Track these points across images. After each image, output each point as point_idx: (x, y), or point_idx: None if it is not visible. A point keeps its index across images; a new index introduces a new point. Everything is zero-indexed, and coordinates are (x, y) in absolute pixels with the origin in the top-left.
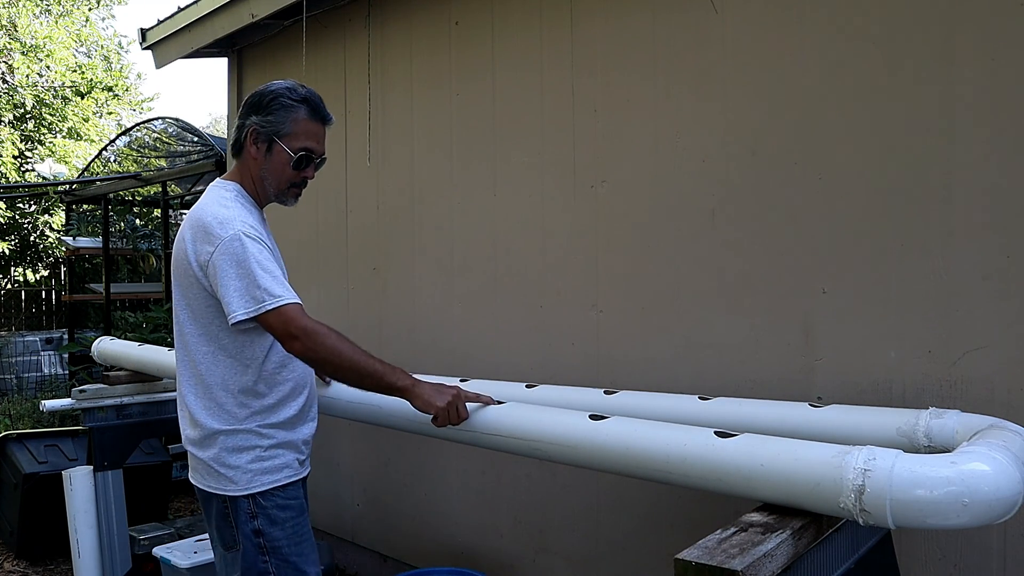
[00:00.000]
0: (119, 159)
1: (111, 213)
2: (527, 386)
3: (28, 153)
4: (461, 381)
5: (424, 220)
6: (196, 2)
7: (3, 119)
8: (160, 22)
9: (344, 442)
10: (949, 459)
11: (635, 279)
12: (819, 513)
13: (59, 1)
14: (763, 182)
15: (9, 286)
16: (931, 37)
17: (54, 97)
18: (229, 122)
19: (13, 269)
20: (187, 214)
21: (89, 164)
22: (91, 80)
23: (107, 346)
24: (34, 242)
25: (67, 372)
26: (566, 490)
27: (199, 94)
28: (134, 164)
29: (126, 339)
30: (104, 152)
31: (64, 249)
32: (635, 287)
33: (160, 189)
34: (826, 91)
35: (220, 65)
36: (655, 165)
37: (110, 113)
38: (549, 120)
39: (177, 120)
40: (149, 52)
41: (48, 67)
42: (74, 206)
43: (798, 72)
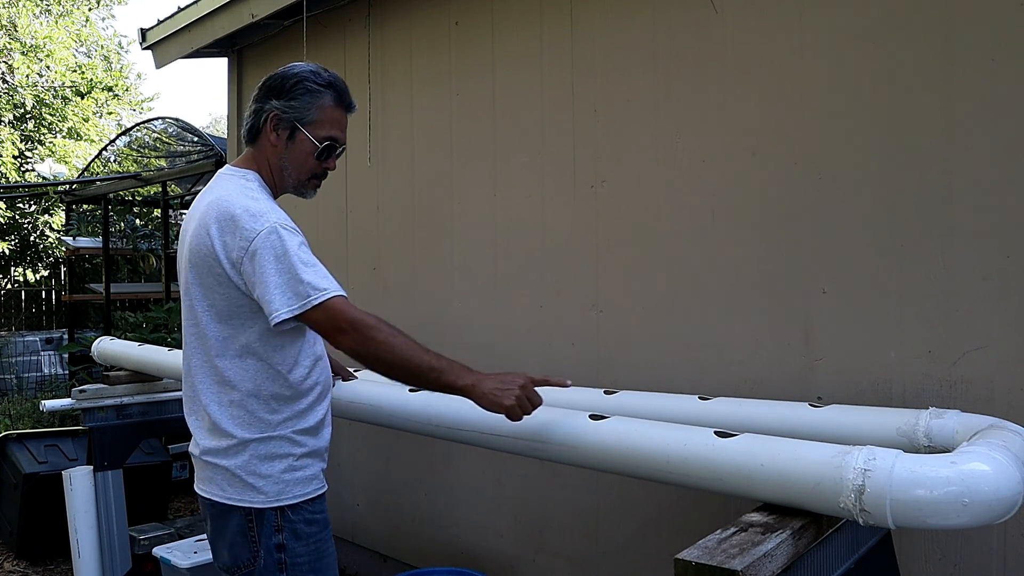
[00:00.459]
0: (119, 159)
1: (111, 213)
2: None
3: (28, 153)
4: None
5: (424, 220)
6: (196, 2)
7: (3, 119)
8: (160, 22)
9: (344, 442)
10: (949, 459)
11: (635, 279)
12: (819, 513)
13: (59, 1)
14: (763, 182)
15: (9, 286)
16: (931, 37)
17: (54, 97)
18: (229, 122)
19: (13, 269)
20: (202, 205)
21: (89, 164)
22: (91, 80)
23: (107, 346)
24: (34, 242)
25: (67, 372)
26: (566, 490)
27: (199, 94)
28: (134, 164)
29: (126, 339)
30: (104, 152)
31: (64, 249)
32: (635, 287)
33: (160, 189)
34: (826, 91)
35: (220, 65)
36: (655, 165)
37: (110, 113)
38: (549, 120)
39: (177, 120)
40: (149, 52)
41: (48, 67)
42: (74, 206)
43: (798, 72)
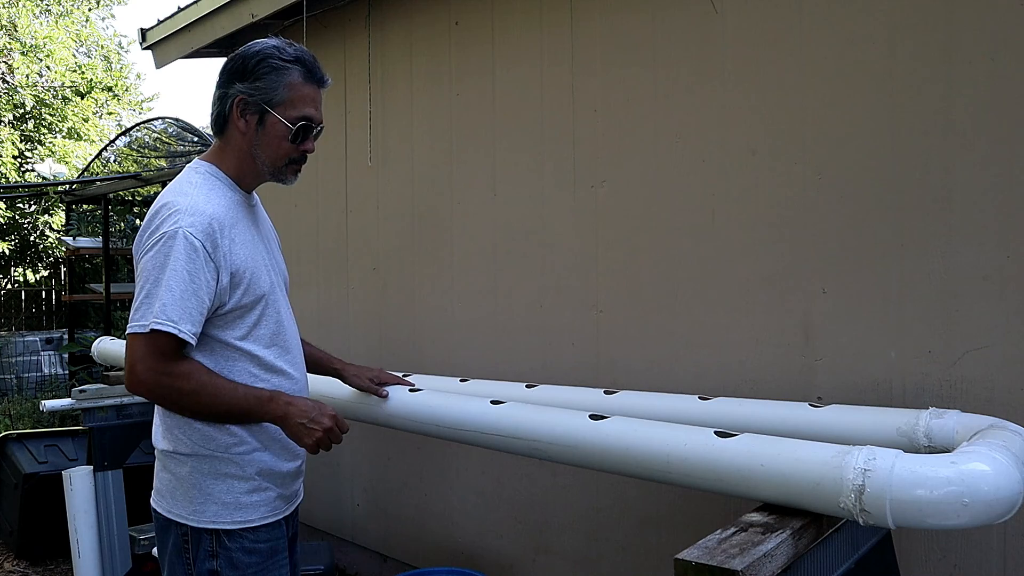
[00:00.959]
0: (119, 159)
1: (111, 213)
2: (527, 386)
3: (28, 153)
4: (461, 381)
5: (424, 220)
6: (196, 2)
7: (3, 119)
8: (160, 22)
9: (344, 442)
10: (949, 459)
11: (635, 279)
12: (819, 513)
13: (59, 1)
14: (763, 182)
15: (9, 286)
16: (931, 37)
17: (54, 97)
18: None
19: (13, 269)
20: None
21: (89, 164)
22: (91, 80)
23: (107, 346)
24: (34, 242)
25: (67, 372)
26: (566, 490)
27: (199, 94)
28: (134, 164)
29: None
30: (104, 152)
31: (64, 249)
32: (635, 287)
33: (160, 189)
34: (826, 91)
35: (220, 65)
36: (655, 165)
37: (110, 113)
38: (549, 120)
39: (177, 120)
40: (149, 52)
41: (48, 67)
42: (74, 206)
43: (798, 72)
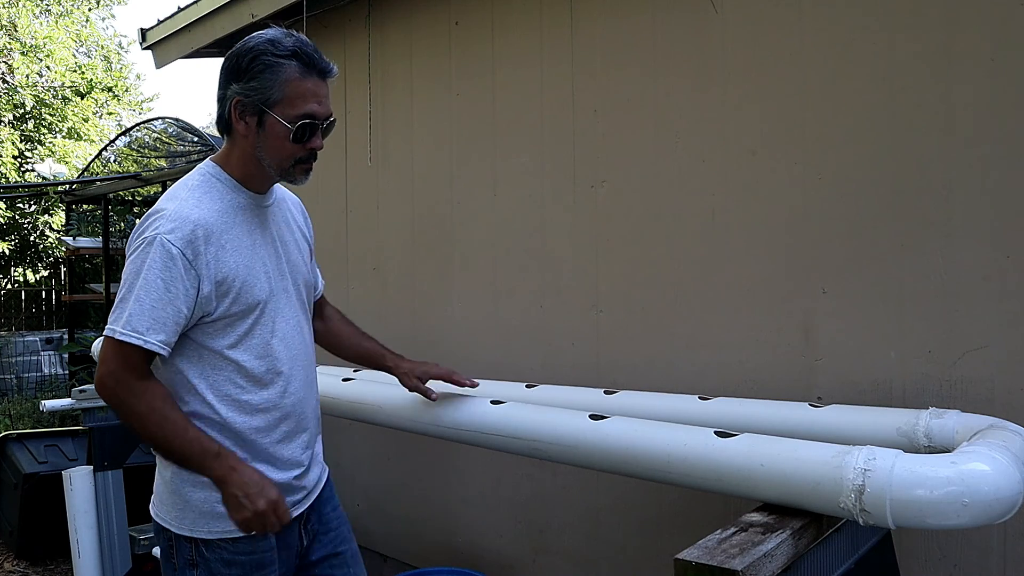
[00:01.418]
0: (119, 159)
1: (111, 213)
2: (527, 386)
3: (28, 153)
4: None
5: (424, 220)
6: (196, 2)
7: (3, 119)
8: (160, 22)
9: (345, 442)
10: (949, 459)
11: (635, 279)
12: (819, 513)
13: (59, 1)
14: (763, 182)
15: (9, 286)
16: (931, 37)
17: (54, 97)
18: None
19: (13, 269)
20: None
21: (89, 164)
22: (91, 80)
23: None
24: (34, 242)
25: (67, 372)
26: (566, 490)
27: (199, 94)
28: (134, 164)
29: None
30: (104, 152)
31: (64, 249)
32: (635, 287)
33: (160, 189)
34: (826, 91)
35: (220, 65)
36: (655, 165)
37: (110, 113)
38: (549, 120)
39: (177, 120)
40: (149, 52)
41: (48, 67)
42: (74, 206)
43: (798, 72)
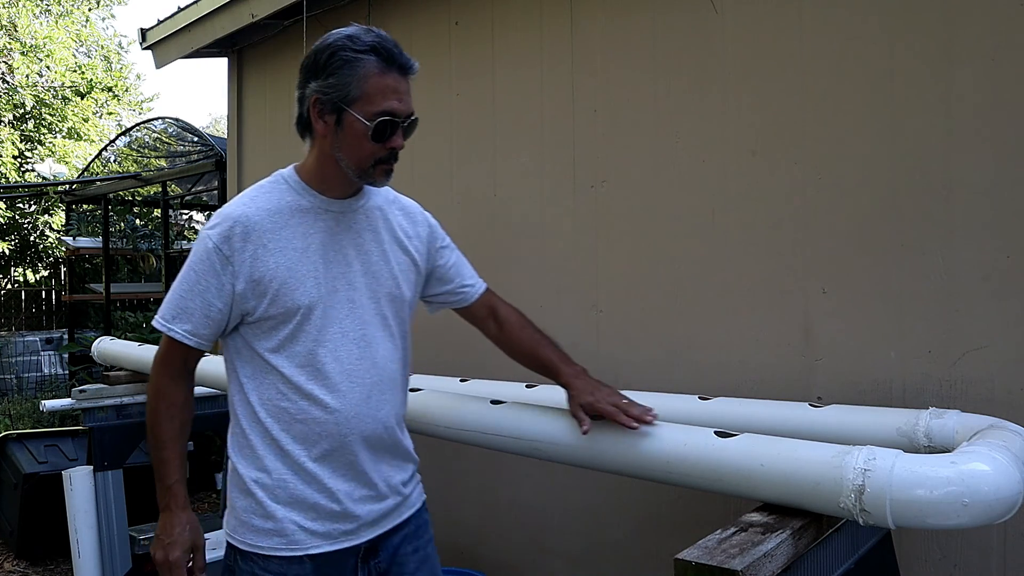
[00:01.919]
0: (119, 159)
1: (111, 213)
2: (527, 386)
3: (28, 153)
4: (461, 381)
5: None
6: (196, 2)
7: (3, 119)
8: (160, 22)
9: None
10: (949, 459)
11: (635, 279)
12: (819, 513)
13: (59, 1)
14: (763, 182)
15: (9, 286)
16: (931, 37)
17: (54, 97)
18: (229, 122)
19: (13, 269)
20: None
21: (89, 164)
22: (91, 80)
23: (107, 346)
24: (34, 242)
25: (67, 372)
26: (566, 490)
27: (199, 94)
28: (134, 164)
29: (126, 339)
30: (104, 152)
31: (64, 249)
32: (635, 287)
33: (160, 189)
34: (826, 91)
35: (220, 65)
36: (655, 165)
37: (110, 113)
38: (549, 120)
39: (177, 120)
40: (149, 52)
41: (48, 67)
42: (74, 206)
43: (798, 72)
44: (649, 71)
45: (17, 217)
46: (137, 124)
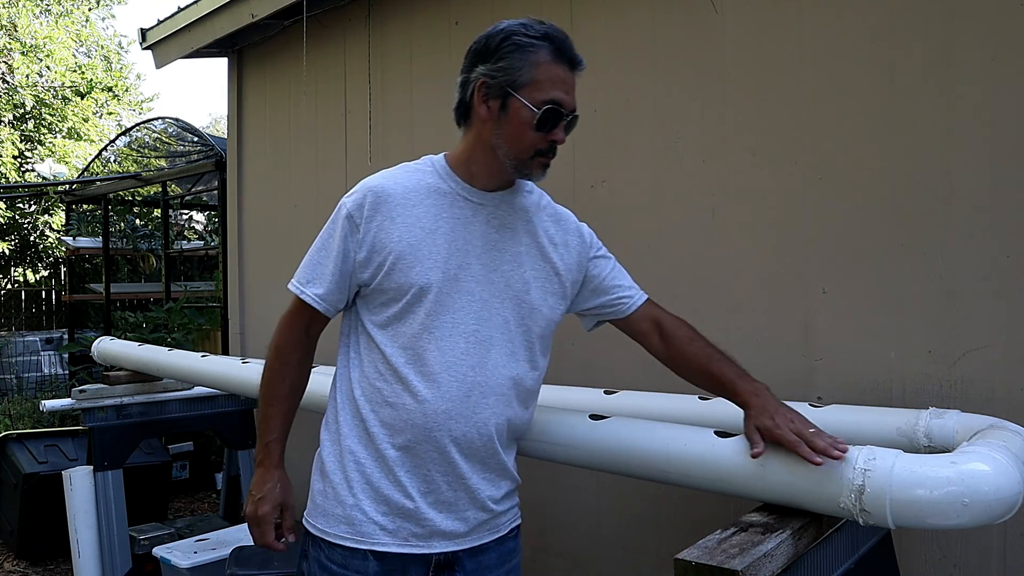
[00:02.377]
0: (119, 159)
1: (111, 213)
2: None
3: (28, 153)
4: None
5: None
6: (196, 2)
7: (3, 119)
8: (160, 22)
9: None
10: (949, 459)
11: (635, 279)
12: (819, 513)
13: (59, 1)
14: (763, 182)
15: (9, 286)
16: (931, 37)
17: (54, 97)
18: (229, 122)
19: (13, 269)
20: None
21: (89, 164)
22: (91, 80)
23: (107, 346)
24: (34, 242)
25: (67, 372)
26: (566, 490)
27: (199, 94)
28: (134, 164)
29: (126, 339)
30: (104, 152)
31: (64, 249)
32: None
33: (160, 189)
34: (826, 91)
35: (220, 65)
36: (655, 165)
37: (110, 113)
38: None
39: (177, 120)
40: (149, 52)
41: (48, 67)
42: (74, 206)
43: (798, 72)
44: (649, 71)
45: (17, 217)
46: (137, 124)
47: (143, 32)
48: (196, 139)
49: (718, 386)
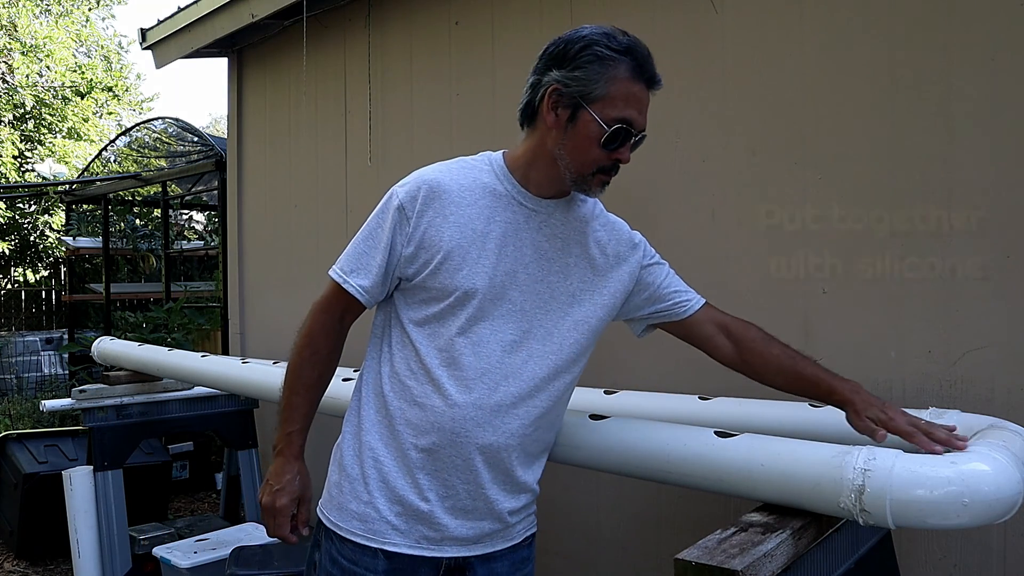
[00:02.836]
0: (119, 159)
1: (111, 213)
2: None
3: (28, 153)
4: None
5: None
6: (196, 2)
7: (3, 119)
8: (160, 22)
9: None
10: (949, 459)
11: None
12: (819, 513)
13: (59, 1)
14: (763, 182)
15: (9, 286)
16: (931, 37)
17: (54, 97)
18: (229, 122)
19: (13, 269)
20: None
21: (89, 164)
22: (91, 80)
23: (107, 346)
24: (34, 242)
25: (67, 372)
26: (566, 490)
27: (199, 94)
28: (134, 164)
29: (126, 339)
30: (104, 152)
31: (64, 249)
32: None
33: (160, 189)
34: (826, 91)
35: (220, 65)
36: (655, 165)
37: (110, 113)
38: None
39: (177, 120)
40: (149, 52)
41: (48, 67)
42: (74, 206)
43: (798, 72)
44: None
45: (17, 217)
46: (137, 124)
47: (143, 32)
48: (196, 139)
49: (811, 386)
